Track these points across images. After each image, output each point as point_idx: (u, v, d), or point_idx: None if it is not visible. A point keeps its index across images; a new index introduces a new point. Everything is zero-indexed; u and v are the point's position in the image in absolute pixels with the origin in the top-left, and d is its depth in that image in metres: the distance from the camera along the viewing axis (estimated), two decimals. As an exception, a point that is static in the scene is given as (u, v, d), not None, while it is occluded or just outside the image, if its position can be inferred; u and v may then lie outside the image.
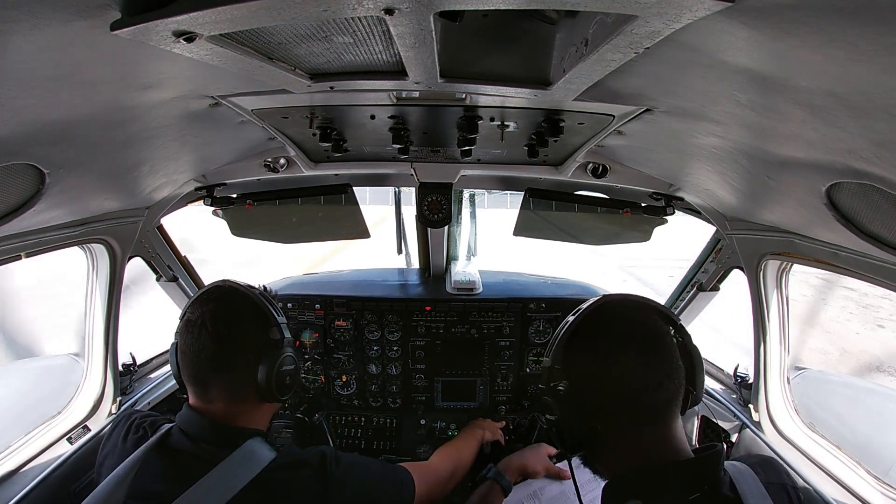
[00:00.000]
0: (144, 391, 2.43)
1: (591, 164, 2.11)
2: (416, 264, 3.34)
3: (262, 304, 1.41)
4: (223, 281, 1.45)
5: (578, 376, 1.13)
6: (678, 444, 1.10)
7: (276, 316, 1.43)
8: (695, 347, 1.17)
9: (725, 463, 1.12)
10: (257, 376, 1.34)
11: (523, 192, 2.48)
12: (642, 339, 1.09)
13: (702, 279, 2.55)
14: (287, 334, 1.44)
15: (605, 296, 1.20)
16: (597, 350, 1.12)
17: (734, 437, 2.29)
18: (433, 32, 0.88)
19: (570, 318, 1.20)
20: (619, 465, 1.13)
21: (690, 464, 1.08)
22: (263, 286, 1.54)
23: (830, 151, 1.04)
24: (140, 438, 1.37)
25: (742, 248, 2.09)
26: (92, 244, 2.02)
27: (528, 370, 3.03)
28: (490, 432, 2.45)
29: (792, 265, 2.01)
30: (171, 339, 1.44)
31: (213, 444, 1.30)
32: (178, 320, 1.40)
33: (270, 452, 1.32)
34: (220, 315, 1.33)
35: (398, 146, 1.78)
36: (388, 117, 1.66)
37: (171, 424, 1.38)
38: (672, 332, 1.15)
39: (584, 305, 1.21)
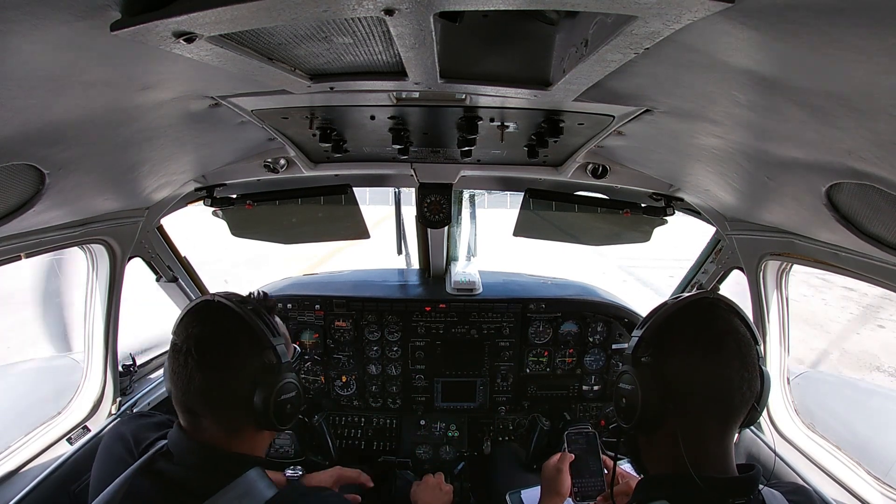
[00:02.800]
0: (144, 392, 2.43)
1: (590, 165, 2.11)
2: (416, 265, 3.35)
3: (254, 323, 1.23)
4: (212, 296, 1.27)
5: (669, 357, 1.13)
6: (725, 457, 1.11)
7: (272, 336, 1.25)
8: (766, 371, 1.17)
9: (763, 488, 1.13)
10: (253, 406, 1.20)
11: (523, 193, 2.48)
12: (738, 343, 1.10)
13: (702, 280, 2.55)
14: (286, 357, 1.27)
15: (709, 292, 1.20)
16: (694, 339, 1.12)
17: (734, 438, 2.29)
18: (433, 33, 0.88)
19: (670, 301, 1.21)
20: (665, 461, 1.13)
21: (728, 482, 1.09)
22: (263, 293, 1.38)
23: (830, 152, 1.04)
24: (128, 455, 1.26)
25: (742, 248, 2.09)
26: (92, 244, 2.02)
27: (527, 370, 3.03)
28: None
29: (792, 266, 2.02)
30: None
31: (206, 473, 1.17)
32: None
33: (269, 490, 1.18)
34: (207, 341, 1.18)
35: (398, 147, 1.78)
36: (388, 118, 1.66)
37: (162, 442, 1.25)
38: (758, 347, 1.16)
39: (686, 294, 1.21)
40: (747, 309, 2.16)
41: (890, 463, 1.91)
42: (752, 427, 2.24)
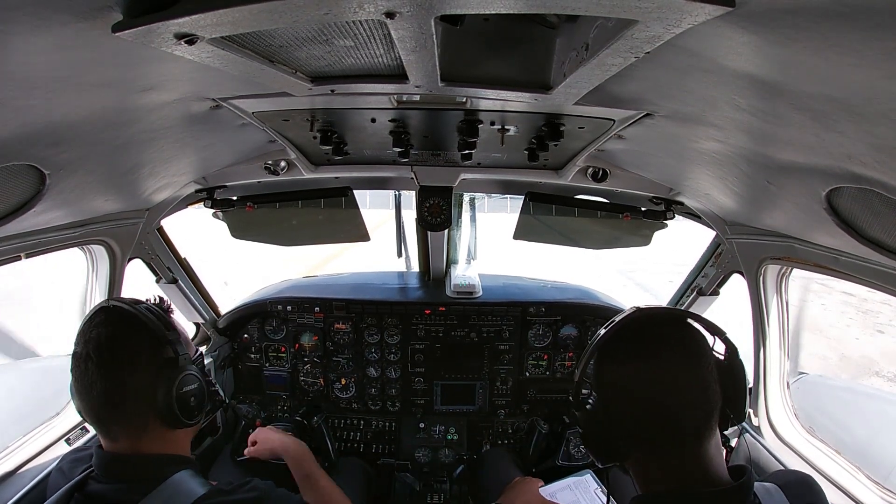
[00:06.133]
0: None
1: (591, 169, 2.11)
2: (416, 268, 3.34)
3: (149, 320, 1.25)
4: (106, 301, 1.30)
5: (606, 389, 1.09)
6: (711, 467, 1.05)
7: (168, 331, 1.26)
8: (740, 362, 1.12)
9: (757, 484, 1.08)
10: (157, 403, 1.20)
11: (523, 196, 2.48)
12: (679, 345, 1.06)
13: (701, 284, 2.55)
14: (184, 350, 1.28)
15: (636, 308, 1.14)
16: (623, 362, 1.08)
17: (734, 442, 2.28)
18: (434, 36, 0.88)
19: (602, 331, 1.15)
20: (650, 483, 1.09)
21: (720, 494, 1.03)
22: (159, 297, 1.39)
23: (830, 156, 1.04)
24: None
25: (742, 252, 2.09)
26: (92, 245, 2.02)
27: (527, 374, 3.03)
28: None
29: (792, 270, 2.01)
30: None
31: (128, 482, 1.17)
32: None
33: (200, 488, 1.18)
34: (105, 342, 1.19)
35: (399, 149, 1.78)
36: (389, 120, 1.66)
37: (91, 468, 1.25)
38: (711, 345, 1.11)
39: (617, 318, 1.16)
40: (747, 312, 2.18)
41: (889, 468, 1.90)
42: (751, 431, 2.23)
